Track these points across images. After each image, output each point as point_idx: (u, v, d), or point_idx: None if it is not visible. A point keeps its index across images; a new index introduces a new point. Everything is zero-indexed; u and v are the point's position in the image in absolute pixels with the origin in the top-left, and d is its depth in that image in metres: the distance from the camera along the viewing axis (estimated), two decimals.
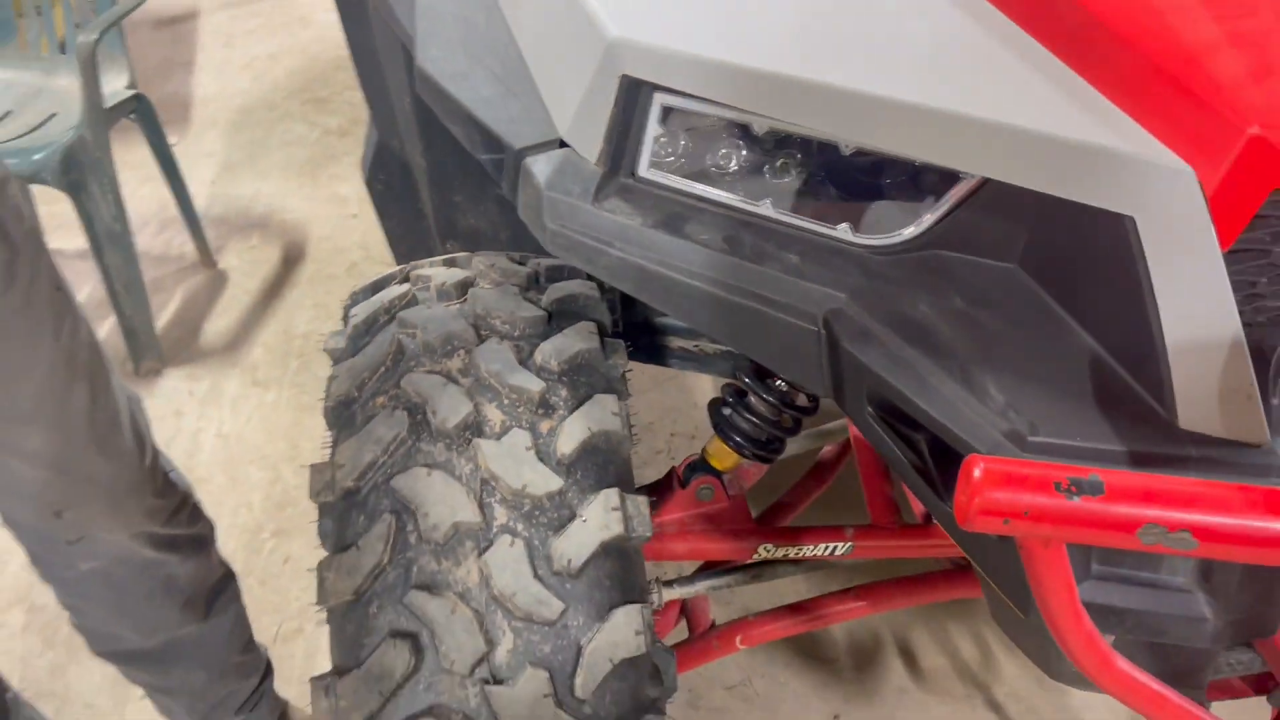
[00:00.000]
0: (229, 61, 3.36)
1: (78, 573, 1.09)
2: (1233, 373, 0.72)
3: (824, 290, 0.79)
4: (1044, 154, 0.71)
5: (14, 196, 0.91)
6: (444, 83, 0.85)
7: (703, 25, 0.76)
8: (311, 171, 2.81)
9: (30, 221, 0.93)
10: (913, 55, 0.75)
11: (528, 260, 1.10)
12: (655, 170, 0.81)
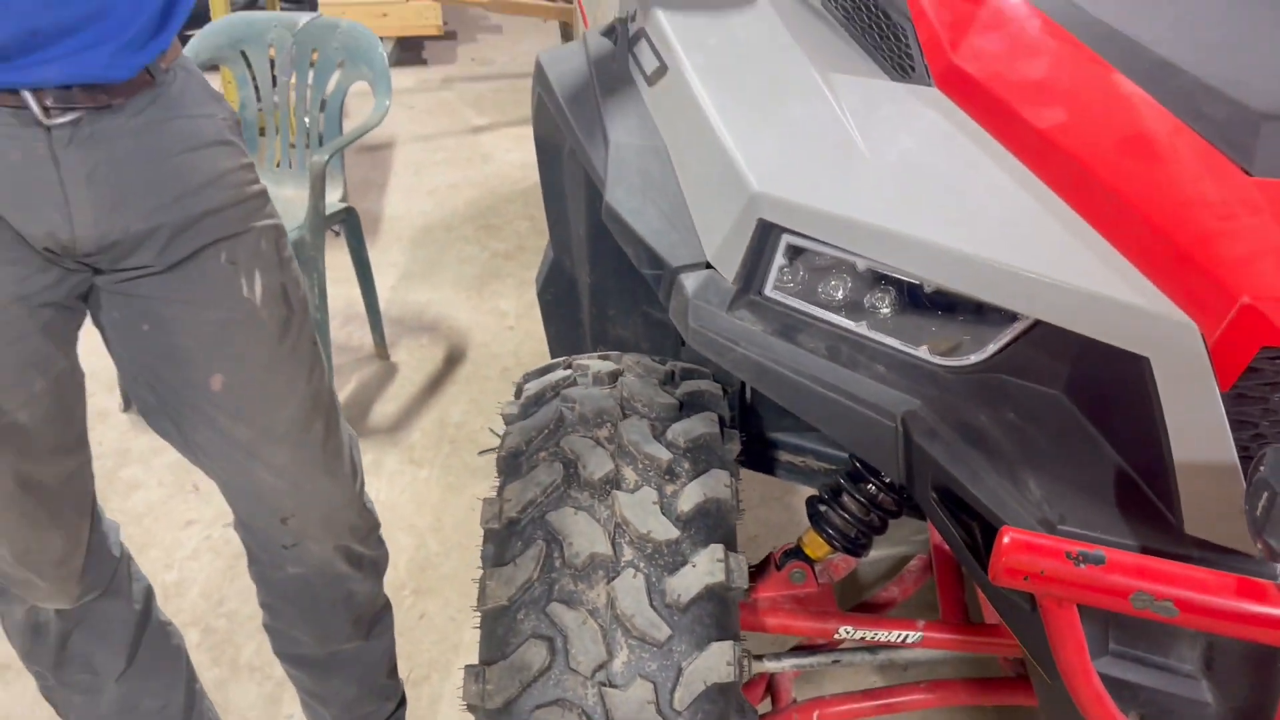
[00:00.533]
0: (417, 187, 3.83)
1: (284, 575, 1.35)
2: (1229, 494, 0.89)
3: (903, 396, 1.00)
4: (1081, 304, 0.92)
5: (294, 269, 1.22)
6: (625, 215, 1.12)
7: (822, 185, 1.01)
8: (478, 286, 3.17)
9: (302, 289, 1.23)
10: (983, 220, 0.97)
11: (666, 361, 1.35)
12: (777, 291, 1.05)
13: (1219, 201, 0.94)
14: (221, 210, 1.12)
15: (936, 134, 1.04)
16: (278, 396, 1.20)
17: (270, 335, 1.19)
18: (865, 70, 1.15)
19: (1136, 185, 0.95)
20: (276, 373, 1.20)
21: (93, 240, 1.05)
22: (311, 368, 1.25)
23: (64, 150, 0.99)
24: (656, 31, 1.21)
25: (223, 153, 1.12)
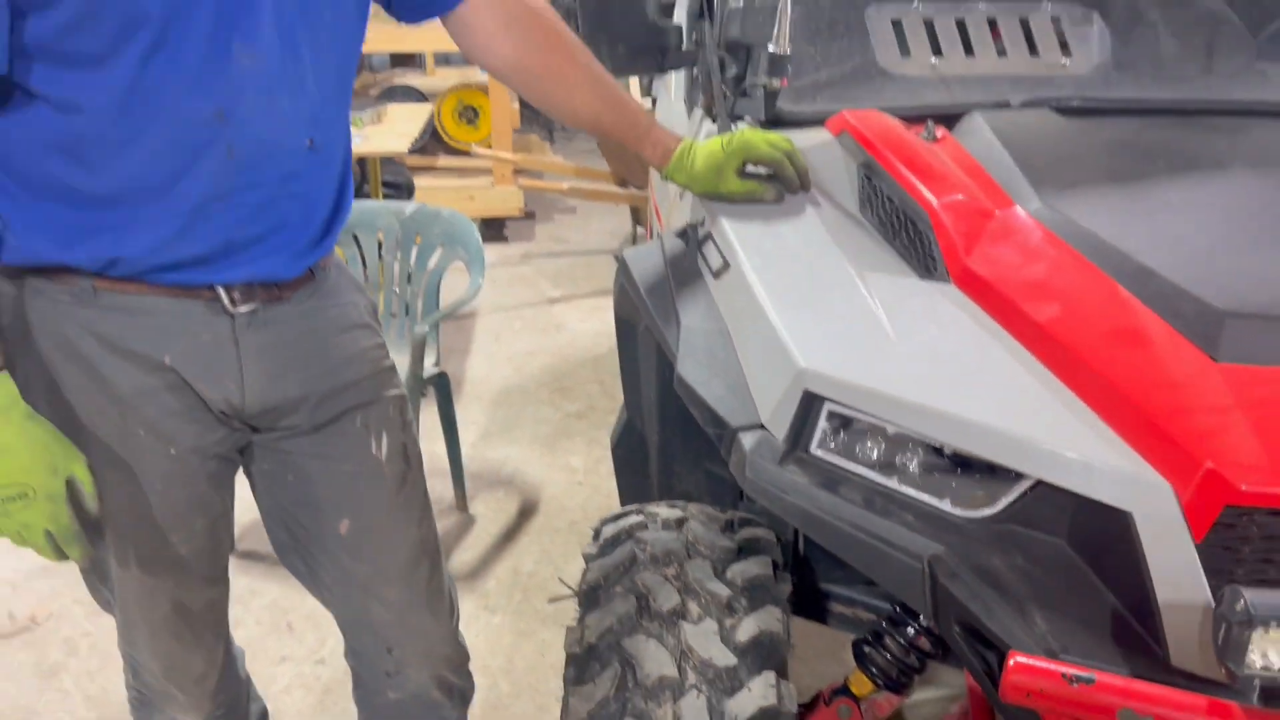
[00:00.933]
0: (497, 353, 4.14)
1: (385, 700, 1.53)
2: (1208, 631, 1.05)
3: (929, 542, 1.18)
4: (1074, 467, 1.11)
5: (413, 431, 1.45)
6: (694, 385, 1.34)
7: (857, 364, 1.22)
8: (551, 444, 3.41)
9: (418, 448, 1.46)
10: (992, 394, 1.17)
11: (727, 511, 1.54)
12: (820, 450, 1.25)
13: (1188, 383, 1.13)
14: (360, 382, 1.37)
15: (953, 323, 1.26)
16: (393, 540, 1.42)
17: (391, 487, 1.42)
18: (896, 269, 1.38)
19: (1120, 369, 1.15)
20: (393, 519, 1.42)
21: (258, 405, 1.30)
22: (422, 516, 1.47)
23: (243, 333, 1.25)
24: (721, 235, 1.46)
25: (363, 334, 1.38)
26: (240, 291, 1.22)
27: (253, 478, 1.42)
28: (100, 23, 1.02)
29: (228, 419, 1.30)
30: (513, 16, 1.39)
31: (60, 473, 1.15)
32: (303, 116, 1.18)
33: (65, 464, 1.16)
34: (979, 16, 1.65)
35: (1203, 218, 1.33)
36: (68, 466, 1.16)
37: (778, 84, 1.57)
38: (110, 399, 1.19)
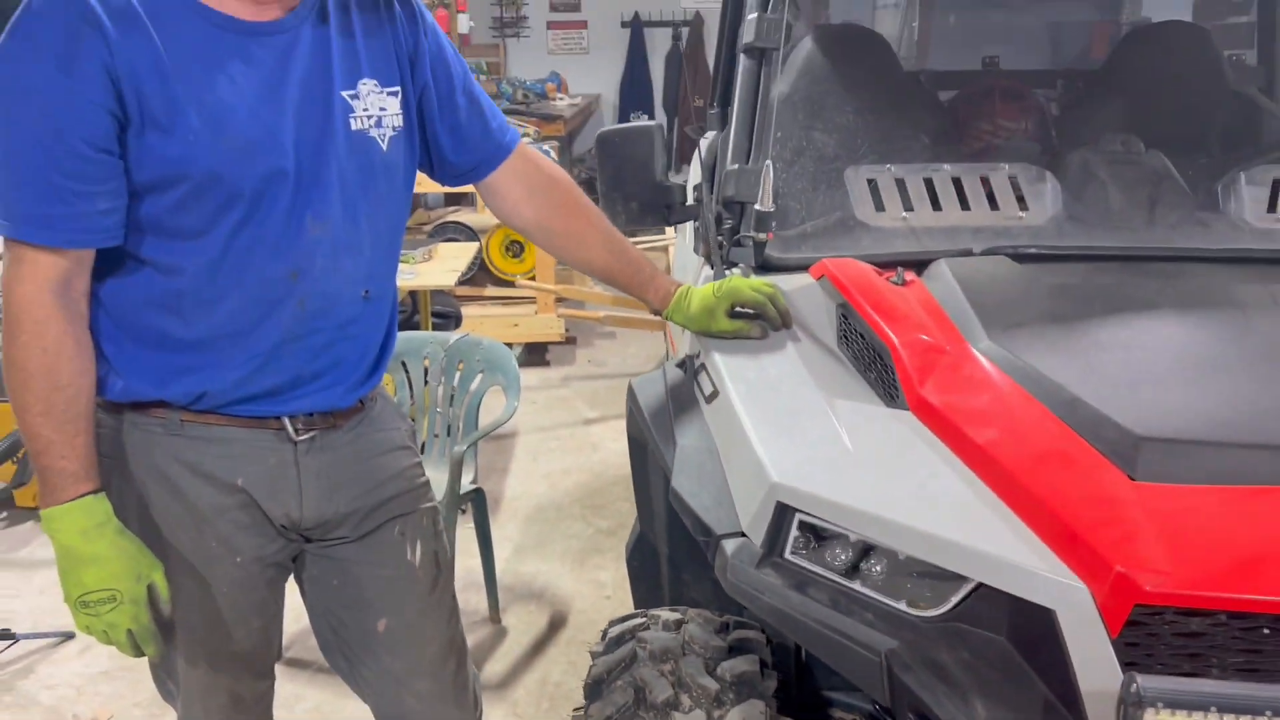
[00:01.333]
0: (533, 471, 4.34)
1: None
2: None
3: (886, 638, 1.34)
4: (1007, 570, 1.28)
5: (444, 540, 1.65)
6: (685, 497, 1.54)
7: (823, 480, 1.41)
8: (581, 559, 3.58)
9: (449, 555, 1.66)
10: (938, 507, 1.35)
11: (723, 615, 1.71)
12: (793, 556, 1.42)
13: (1107, 499, 1.31)
14: (398, 496, 1.58)
15: (908, 445, 1.45)
16: (425, 638, 1.61)
17: (423, 590, 1.62)
18: (864, 397, 1.58)
19: (1048, 486, 1.33)
20: (426, 619, 1.61)
21: (314, 519, 1.51)
22: (450, 616, 1.66)
23: (303, 458, 1.47)
24: (713, 366, 1.67)
25: (403, 455, 1.60)
26: (303, 421, 1.45)
27: (302, 583, 1.62)
28: (203, 203, 1.29)
29: (286, 531, 1.51)
30: (535, 184, 1.65)
31: (143, 579, 1.37)
32: (361, 273, 1.43)
33: (148, 572, 1.37)
34: (945, 176, 1.89)
35: (1131, 353, 1.52)
36: (149, 574, 1.37)
37: (764, 237, 1.81)
38: (190, 516, 1.42)
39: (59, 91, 1.21)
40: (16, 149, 1.23)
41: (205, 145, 1.27)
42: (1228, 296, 1.63)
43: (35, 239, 1.25)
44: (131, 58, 1.23)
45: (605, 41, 9.22)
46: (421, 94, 1.51)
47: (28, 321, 1.27)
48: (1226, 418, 1.38)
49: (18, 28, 1.22)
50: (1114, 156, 2.01)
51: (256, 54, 1.32)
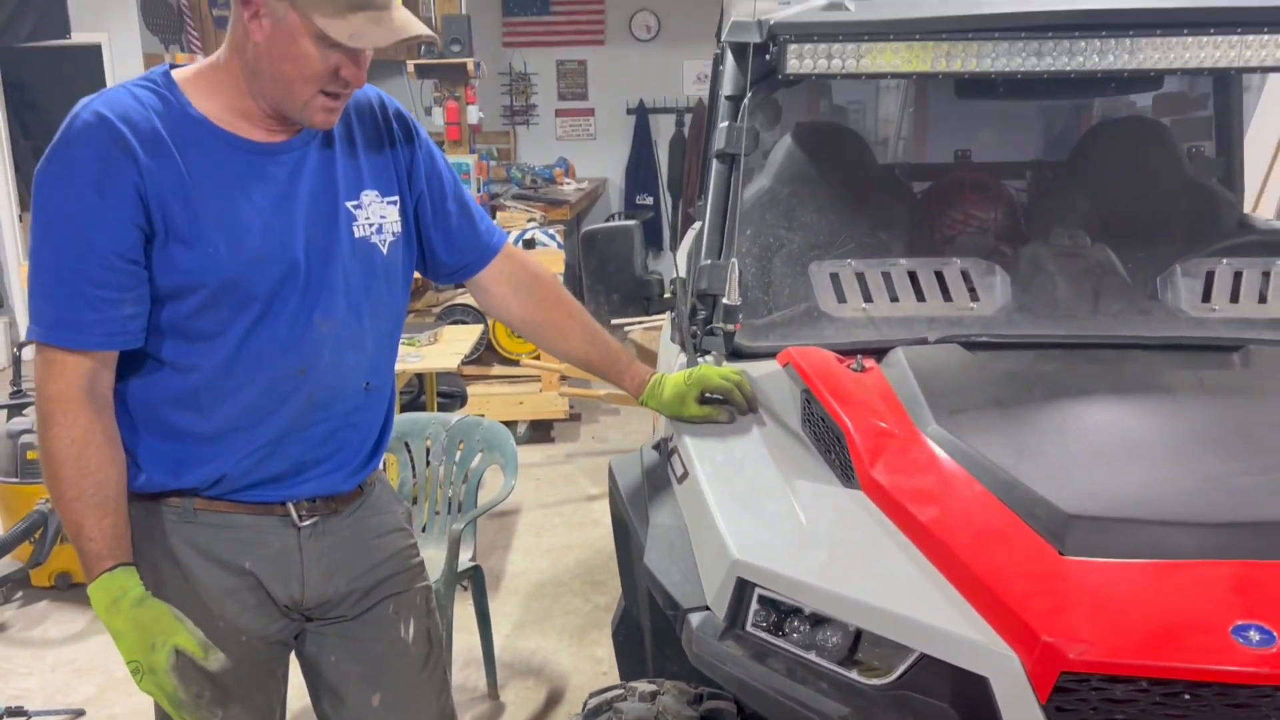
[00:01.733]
0: (535, 547, 4.44)
1: None
2: None
3: (839, 706, 1.44)
4: (946, 641, 1.38)
5: (437, 618, 1.76)
6: (655, 572, 1.65)
7: (780, 556, 1.52)
8: (580, 635, 3.66)
9: (440, 632, 1.77)
10: (884, 582, 1.46)
11: (698, 687, 1.81)
12: (753, 628, 1.53)
13: (1038, 573, 1.42)
14: (394, 576, 1.70)
15: (859, 524, 1.56)
16: (417, 712, 1.72)
17: (416, 665, 1.73)
18: (823, 477, 1.70)
19: (984, 561, 1.44)
20: (418, 693, 1.72)
21: (315, 599, 1.63)
22: (441, 690, 1.76)
23: (306, 542, 1.60)
24: (684, 449, 1.80)
25: (400, 536, 1.73)
26: (306, 507, 1.58)
27: (303, 659, 1.73)
28: (220, 307, 1.44)
29: (289, 611, 1.63)
30: (520, 281, 1.80)
31: (160, 648, 1.44)
32: (363, 367, 1.58)
33: (165, 639, 1.44)
34: (901, 270, 2.03)
35: (1067, 436, 1.64)
36: (167, 641, 1.44)
37: (731, 328, 1.95)
38: (200, 597, 1.54)
39: (94, 211, 1.37)
40: (51, 262, 1.39)
41: (224, 257, 1.42)
42: (1160, 382, 1.75)
43: (66, 343, 1.40)
44: (159, 180, 1.39)
45: (611, 127, 9.52)
46: (417, 202, 1.67)
47: (58, 415, 1.41)
48: (1150, 497, 1.50)
49: (56, 153, 1.39)
50: (1061, 250, 2.16)
51: (270, 171, 1.49)
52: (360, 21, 1.40)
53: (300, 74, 1.42)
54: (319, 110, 1.46)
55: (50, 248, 1.39)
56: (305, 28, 1.39)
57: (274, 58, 1.42)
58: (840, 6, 2.14)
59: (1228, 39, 1.95)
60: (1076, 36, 1.98)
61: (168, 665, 1.43)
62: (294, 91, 1.43)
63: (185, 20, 7.44)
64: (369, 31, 1.40)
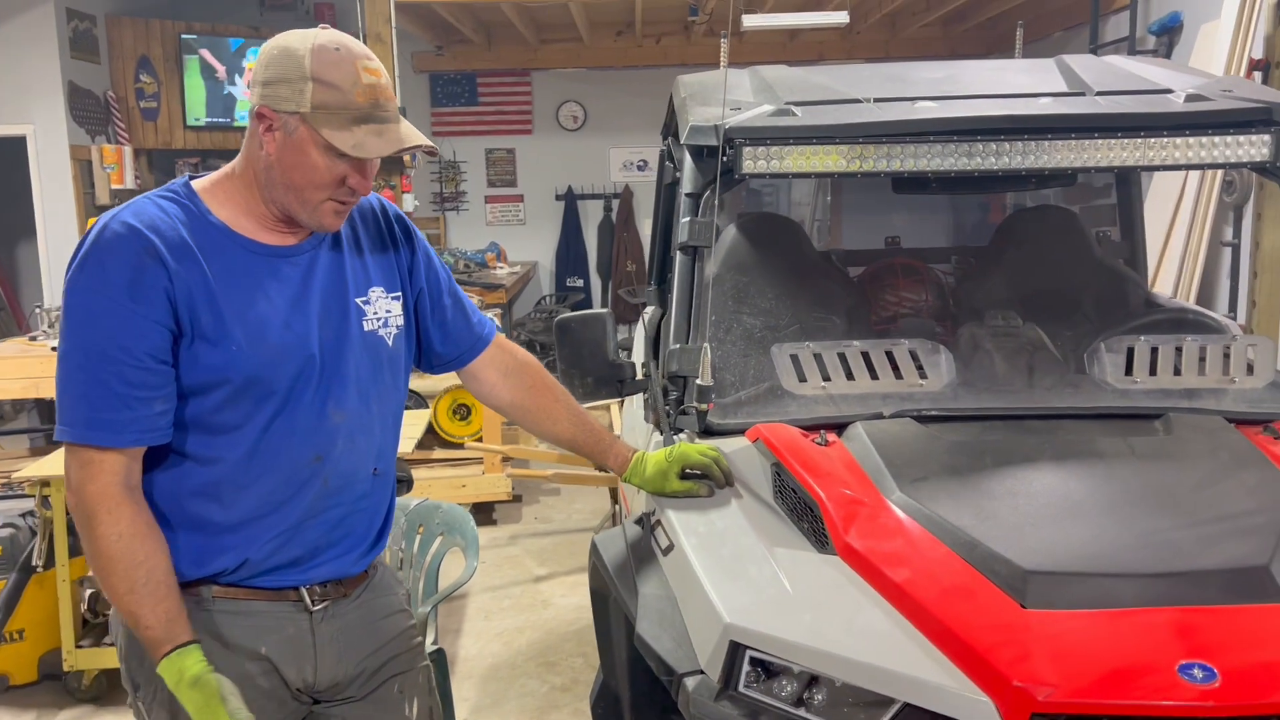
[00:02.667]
0: (486, 630, 4.45)
1: None
2: None
3: None
4: (925, 689, 1.51)
5: (435, 696, 1.83)
6: (649, 640, 1.75)
7: (768, 619, 1.64)
8: (538, 716, 3.68)
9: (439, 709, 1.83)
10: (864, 638, 1.59)
11: None
12: (746, 689, 1.64)
13: (1004, 625, 1.57)
14: (399, 656, 1.77)
15: (838, 586, 1.70)
16: None
17: None
18: (799, 544, 1.83)
19: (955, 616, 1.58)
20: None
21: (327, 681, 1.68)
22: None
23: (319, 625, 1.66)
24: (668, 523, 1.92)
25: (403, 617, 1.80)
26: (319, 591, 1.65)
27: None
28: (242, 401, 1.52)
29: (299, 695, 1.68)
30: (508, 369, 1.92)
31: None
32: (372, 452, 1.67)
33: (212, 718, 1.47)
34: (855, 351, 2.20)
35: (1017, 500, 1.81)
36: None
37: (705, 408, 2.09)
38: None
39: (128, 315, 1.45)
40: (83, 364, 1.46)
41: (246, 353, 1.51)
42: (1094, 448, 1.94)
43: (101, 442, 1.46)
44: (187, 284, 1.48)
45: (541, 213, 9.76)
46: (417, 298, 1.79)
47: (102, 513, 1.47)
48: (1096, 552, 1.66)
49: (89, 259, 1.48)
50: (997, 330, 2.37)
51: (285, 272, 1.59)
52: (364, 133, 1.52)
53: (309, 182, 1.54)
54: (328, 215, 1.58)
55: (83, 351, 1.47)
56: (314, 139, 1.52)
57: (285, 167, 1.54)
58: (788, 112, 2.35)
59: (1132, 141, 2.20)
60: (1001, 139, 2.21)
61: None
62: (305, 198, 1.55)
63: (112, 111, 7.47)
64: (371, 143, 1.53)
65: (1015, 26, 4.06)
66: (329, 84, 1.50)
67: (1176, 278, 4.81)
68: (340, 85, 1.50)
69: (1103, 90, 2.42)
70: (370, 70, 1.53)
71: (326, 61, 1.50)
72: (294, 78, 1.50)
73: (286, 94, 1.50)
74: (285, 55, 1.51)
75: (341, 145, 1.51)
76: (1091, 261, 3.02)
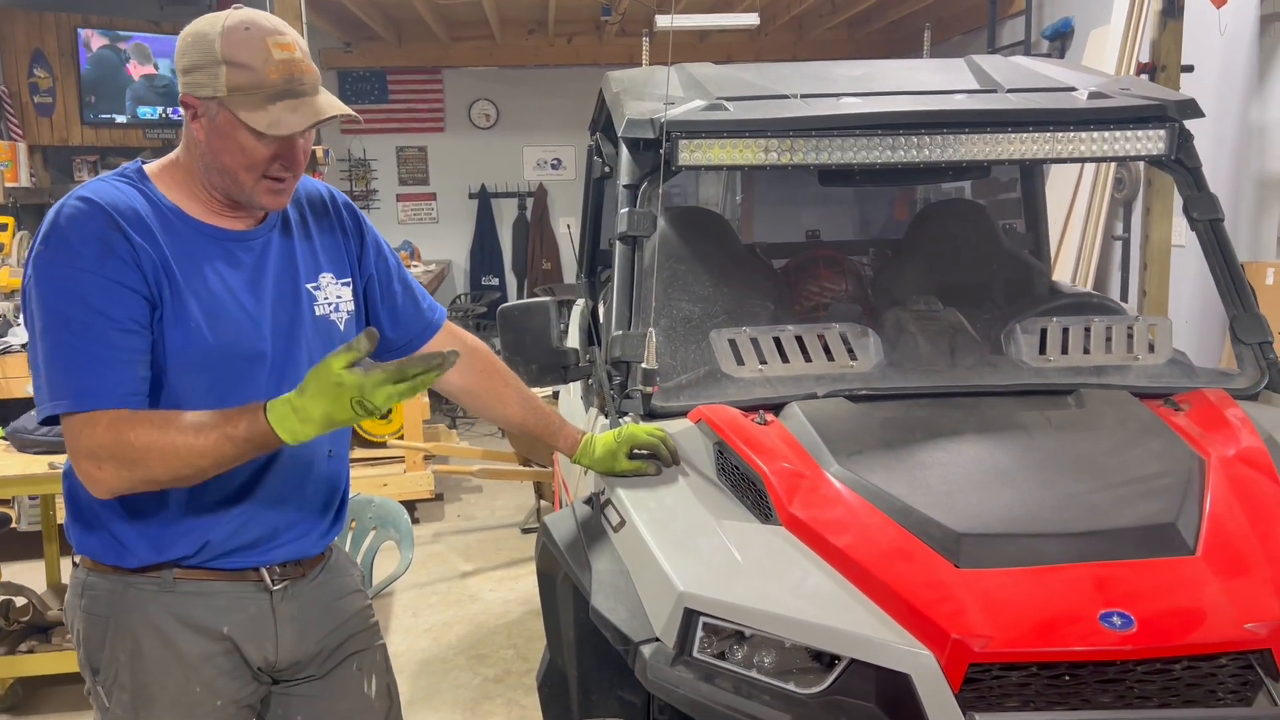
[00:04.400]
0: (414, 627, 4.44)
1: None
2: None
3: (780, 715, 1.63)
4: (870, 645, 1.61)
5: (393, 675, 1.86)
6: (604, 613, 1.81)
7: (720, 586, 1.72)
8: (472, 707, 3.70)
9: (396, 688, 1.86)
10: (810, 600, 1.68)
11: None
12: (700, 654, 1.71)
13: (940, 583, 1.67)
14: (357, 635, 1.79)
15: (784, 554, 1.78)
16: None
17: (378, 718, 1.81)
18: (743, 517, 1.91)
19: (895, 576, 1.68)
20: None
21: (287, 660, 1.70)
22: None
23: (279, 605, 1.67)
24: (618, 501, 1.98)
25: (359, 597, 1.82)
26: (278, 571, 1.66)
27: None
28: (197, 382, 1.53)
29: (260, 674, 1.69)
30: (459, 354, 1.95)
31: (344, 386, 1.40)
32: (327, 435, 1.68)
33: (335, 380, 1.41)
34: (790, 335, 2.30)
35: (946, 469, 1.92)
36: (338, 382, 1.41)
37: (650, 390, 2.16)
38: (179, 663, 1.59)
39: (101, 282, 1.44)
40: (64, 338, 1.45)
41: (204, 334, 1.52)
42: (1014, 421, 2.07)
43: (95, 405, 1.44)
44: (151, 258, 1.49)
45: (454, 211, 9.70)
46: (367, 284, 1.81)
47: (127, 430, 1.44)
48: (1022, 515, 1.79)
49: (52, 237, 1.47)
50: (920, 313, 2.50)
51: (239, 257, 1.60)
52: (280, 111, 1.52)
53: (239, 164, 1.54)
54: (265, 194, 1.58)
55: (61, 324, 1.45)
56: (235, 122, 1.52)
57: (215, 151, 1.54)
58: (721, 107, 2.44)
59: (1041, 135, 2.35)
60: (923, 133, 2.34)
61: (363, 381, 1.42)
62: (238, 179, 1.56)
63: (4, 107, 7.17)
64: (288, 119, 1.52)
65: (917, 30, 4.26)
66: (241, 65, 1.50)
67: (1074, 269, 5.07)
68: (252, 65, 1.50)
69: (1012, 88, 2.57)
70: (282, 45, 1.52)
71: (236, 42, 1.50)
72: (207, 63, 1.50)
73: (203, 80, 1.51)
74: (198, 40, 1.52)
75: (258, 125, 1.50)
76: (1000, 252, 3.19)
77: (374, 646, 1.83)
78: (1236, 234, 4.58)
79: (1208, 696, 1.59)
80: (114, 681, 1.59)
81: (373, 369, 1.42)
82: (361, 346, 1.43)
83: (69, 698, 3.66)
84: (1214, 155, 4.17)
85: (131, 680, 1.56)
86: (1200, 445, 1.97)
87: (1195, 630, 1.59)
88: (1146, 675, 1.59)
